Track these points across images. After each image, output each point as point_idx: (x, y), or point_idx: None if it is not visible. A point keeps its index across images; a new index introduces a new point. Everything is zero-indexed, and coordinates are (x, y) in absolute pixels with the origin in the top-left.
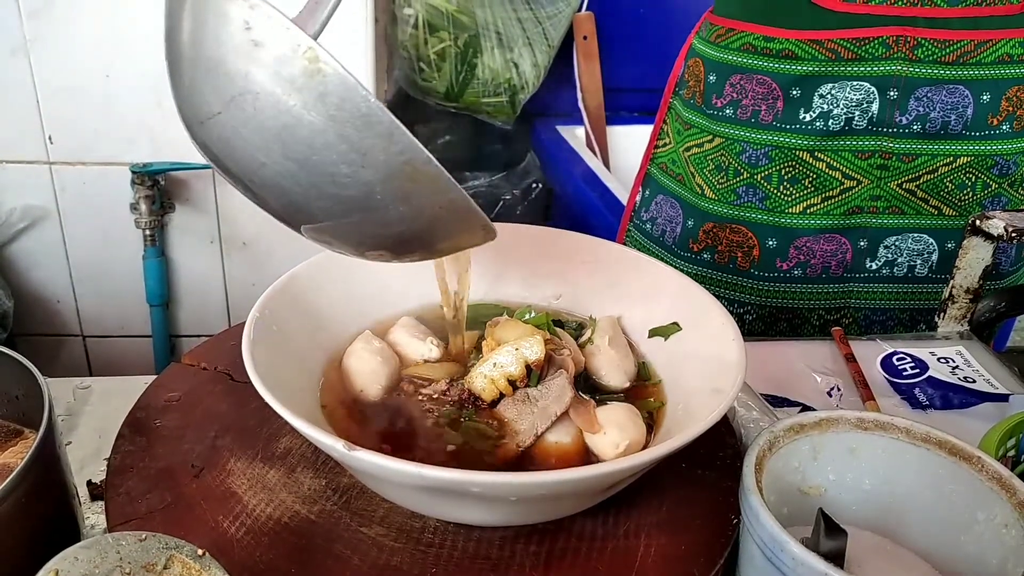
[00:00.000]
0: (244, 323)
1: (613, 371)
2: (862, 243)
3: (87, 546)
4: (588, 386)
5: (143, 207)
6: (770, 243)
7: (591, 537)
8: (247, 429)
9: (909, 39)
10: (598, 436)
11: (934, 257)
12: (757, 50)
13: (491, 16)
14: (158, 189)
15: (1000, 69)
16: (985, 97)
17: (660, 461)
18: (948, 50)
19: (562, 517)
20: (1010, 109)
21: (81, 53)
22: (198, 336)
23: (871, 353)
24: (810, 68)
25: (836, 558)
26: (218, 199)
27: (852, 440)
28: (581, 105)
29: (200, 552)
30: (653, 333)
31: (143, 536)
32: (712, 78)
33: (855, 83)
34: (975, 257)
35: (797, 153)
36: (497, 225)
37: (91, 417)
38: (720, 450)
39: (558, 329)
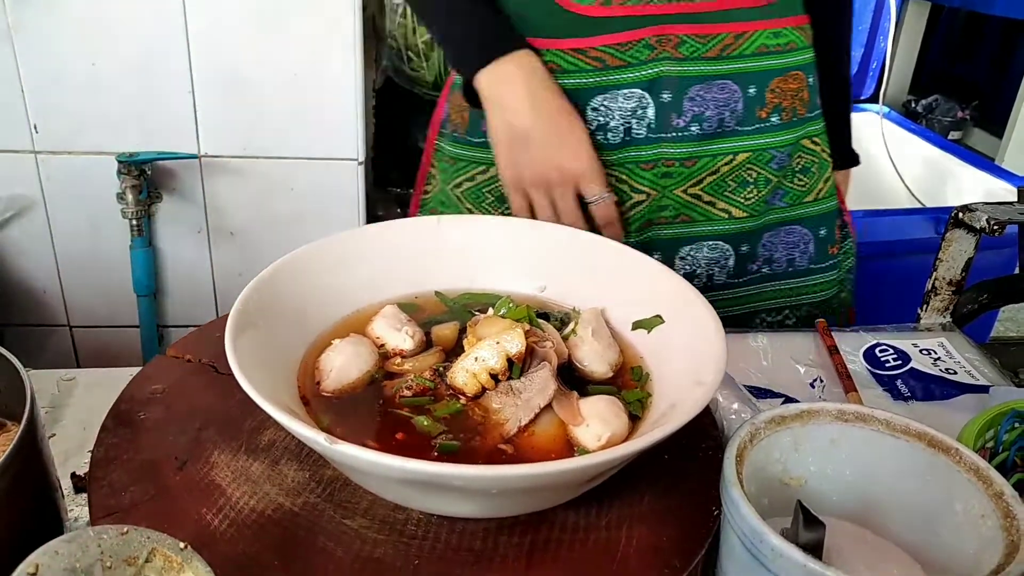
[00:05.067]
0: (229, 315)
1: (596, 362)
2: (655, 257)
3: (68, 540)
4: (572, 377)
5: (130, 197)
6: None
7: (574, 528)
8: (231, 421)
9: (671, 37)
10: (580, 428)
11: (730, 263)
12: None
13: None
14: (145, 179)
15: (760, 61)
16: (751, 90)
17: (642, 453)
18: (709, 44)
19: (545, 509)
20: (775, 101)
21: (66, 41)
22: (186, 326)
23: (854, 345)
24: (578, 80)
25: (815, 549)
26: (205, 189)
27: (833, 432)
28: None
29: (182, 545)
30: (636, 326)
31: (125, 530)
32: None
33: (626, 91)
34: (958, 249)
35: None
36: (481, 217)
37: (75, 409)
38: (703, 441)
39: (541, 321)
